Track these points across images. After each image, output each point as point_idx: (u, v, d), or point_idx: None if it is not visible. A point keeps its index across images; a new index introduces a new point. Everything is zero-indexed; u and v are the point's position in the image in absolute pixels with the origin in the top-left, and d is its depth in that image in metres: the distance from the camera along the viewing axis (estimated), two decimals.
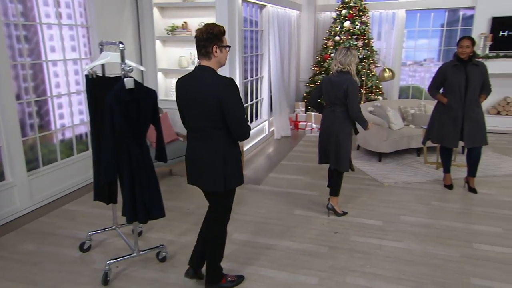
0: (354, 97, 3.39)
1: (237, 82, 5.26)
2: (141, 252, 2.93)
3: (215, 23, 2.29)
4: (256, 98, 6.58)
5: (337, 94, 3.44)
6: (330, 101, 3.55)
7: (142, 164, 2.65)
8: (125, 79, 2.55)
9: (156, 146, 2.87)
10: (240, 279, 2.75)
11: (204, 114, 2.26)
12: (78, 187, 4.44)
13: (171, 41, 5.27)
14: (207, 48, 2.24)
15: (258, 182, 4.75)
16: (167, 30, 5.14)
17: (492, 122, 6.66)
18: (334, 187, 3.74)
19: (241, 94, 5.45)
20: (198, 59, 2.31)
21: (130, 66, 2.60)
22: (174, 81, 5.35)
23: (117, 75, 2.83)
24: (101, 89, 2.79)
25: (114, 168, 2.59)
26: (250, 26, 6.06)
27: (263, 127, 6.71)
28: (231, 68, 5.06)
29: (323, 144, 3.69)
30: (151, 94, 2.69)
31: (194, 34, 5.14)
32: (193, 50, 5.22)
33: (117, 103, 2.49)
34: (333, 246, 3.22)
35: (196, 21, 5.06)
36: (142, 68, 2.89)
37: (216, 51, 2.25)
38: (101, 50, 2.91)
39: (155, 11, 5.06)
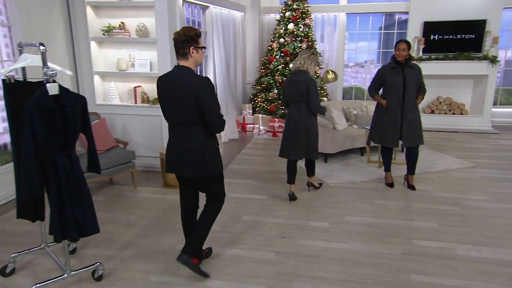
0: (314, 93, 3.81)
1: None
2: (73, 272, 2.68)
3: (191, 27, 2.52)
4: None
5: (300, 93, 3.83)
6: (294, 100, 3.92)
7: (71, 177, 2.42)
8: (47, 85, 2.32)
9: (88, 156, 2.64)
10: (206, 275, 2.83)
11: (184, 110, 2.49)
12: (1, 203, 4.02)
13: (108, 42, 4.96)
14: (184, 49, 2.47)
15: None
16: (103, 30, 4.83)
17: (427, 121, 7.06)
18: (310, 170, 4.31)
19: None
20: (177, 59, 2.54)
21: (53, 70, 2.36)
22: (113, 84, 5.11)
23: (41, 80, 2.57)
24: (21, 95, 2.51)
25: (36, 183, 2.34)
26: None
27: None
28: None
29: (290, 140, 4.00)
30: (80, 101, 2.47)
31: (132, 35, 4.99)
32: (132, 52, 4.99)
33: (38, 111, 2.25)
34: (280, 251, 3.18)
35: (134, 22, 4.81)
36: (68, 72, 2.64)
37: (192, 52, 2.49)
38: (21, 52, 2.62)
39: (89, 10, 4.73)
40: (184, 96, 2.44)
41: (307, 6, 7.39)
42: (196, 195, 2.86)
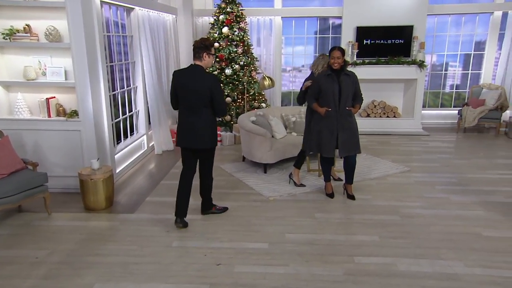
0: (310, 90, 4.32)
1: (102, 95, 4.57)
2: None
3: (208, 38, 3.14)
4: (131, 111, 5.88)
5: None
6: None
7: None
8: None
9: None
10: (225, 209, 4.01)
11: (198, 97, 3.39)
12: None
13: (11, 47, 4.29)
14: (199, 54, 3.42)
15: (132, 210, 4.14)
16: (4, 34, 4.16)
17: (363, 125, 7.16)
18: (296, 161, 4.77)
19: (110, 107, 4.83)
20: (193, 60, 3.46)
21: None
22: (20, 95, 4.44)
23: None
24: None
25: None
26: (116, 31, 5.36)
27: (141, 142, 6.06)
28: (93, 80, 4.32)
29: None
30: None
31: (41, 39, 4.62)
32: (42, 59, 4.36)
33: None
34: (215, 282, 2.85)
35: (43, 24, 4.20)
36: None
37: (205, 56, 3.43)
38: None
39: None
40: (201, 87, 3.35)
41: (241, 9, 7.13)
42: (196, 163, 3.70)
